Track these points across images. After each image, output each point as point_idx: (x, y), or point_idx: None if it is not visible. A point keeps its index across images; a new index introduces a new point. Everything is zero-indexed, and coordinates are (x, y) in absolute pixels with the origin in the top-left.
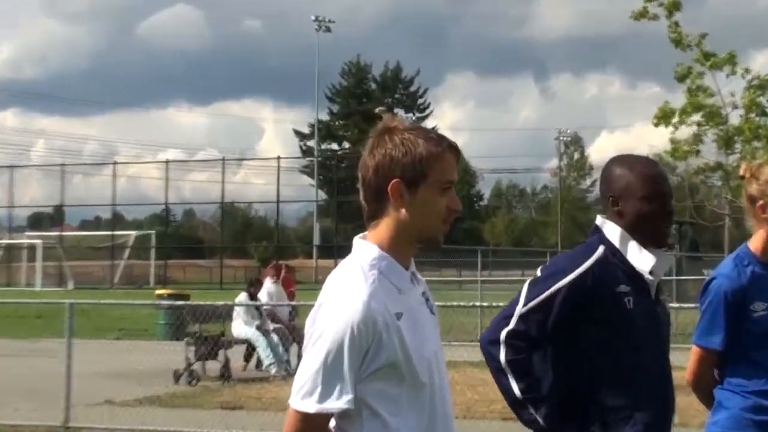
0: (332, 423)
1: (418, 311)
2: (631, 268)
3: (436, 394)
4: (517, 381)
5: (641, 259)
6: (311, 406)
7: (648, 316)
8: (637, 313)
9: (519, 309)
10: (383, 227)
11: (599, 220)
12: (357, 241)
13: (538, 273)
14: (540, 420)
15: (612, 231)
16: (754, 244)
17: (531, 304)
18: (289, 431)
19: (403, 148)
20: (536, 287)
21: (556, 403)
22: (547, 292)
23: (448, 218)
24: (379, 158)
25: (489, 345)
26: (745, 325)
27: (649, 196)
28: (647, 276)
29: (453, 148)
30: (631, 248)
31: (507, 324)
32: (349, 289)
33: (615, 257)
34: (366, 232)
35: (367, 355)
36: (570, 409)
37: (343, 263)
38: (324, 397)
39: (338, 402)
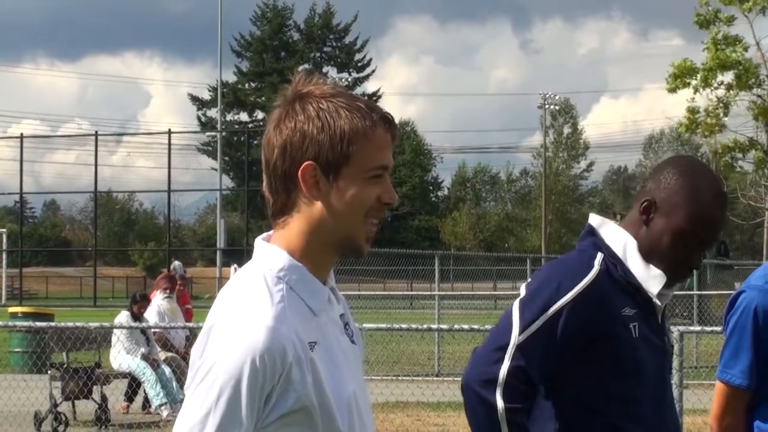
0: None
1: (335, 339)
2: (637, 287)
3: None
4: None
5: (649, 275)
6: None
7: (653, 348)
8: (641, 344)
9: (515, 337)
10: (293, 227)
11: (595, 219)
12: (260, 243)
13: (523, 291)
14: None
15: (614, 235)
16: None
17: (530, 330)
18: None
19: (318, 121)
20: (531, 307)
21: None
22: (549, 313)
23: (377, 214)
24: (288, 135)
25: (481, 386)
26: None
27: (692, 236)
28: (655, 299)
29: (387, 121)
30: (636, 261)
31: (502, 358)
32: (248, 309)
33: (618, 270)
34: (271, 232)
35: (272, 396)
36: None
37: (241, 273)
38: None
39: None
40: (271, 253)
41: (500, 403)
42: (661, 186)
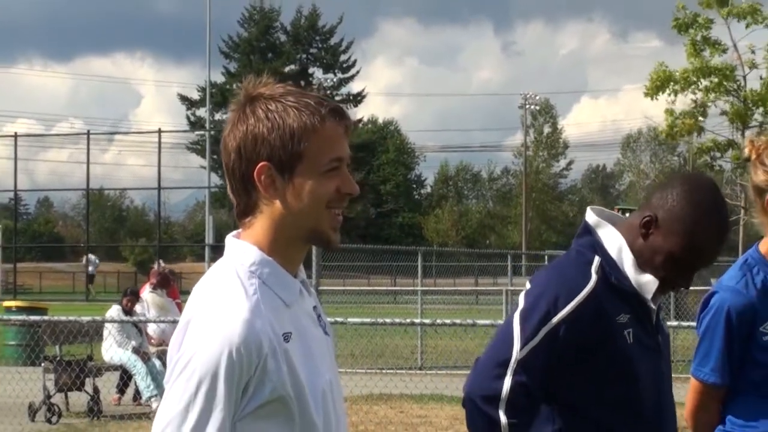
0: None
1: (308, 331)
2: (632, 292)
3: None
4: None
5: (642, 281)
6: None
7: (648, 350)
8: (636, 350)
9: (517, 352)
10: (258, 226)
11: (592, 217)
12: (230, 240)
13: (522, 302)
14: None
15: (611, 238)
16: (766, 246)
17: (531, 345)
18: None
19: (268, 122)
20: (530, 322)
21: None
22: (549, 327)
23: (339, 204)
24: (241, 138)
25: (484, 402)
26: (753, 351)
27: (684, 261)
28: (650, 304)
29: (336, 114)
30: (629, 265)
31: (504, 373)
32: (224, 303)
33: (612, 275)
34: (240, 230)
35: (248, 387)
36: None
37: (215, 269)
38: None
39: None
40: (242, 248)
41: (503, 419)
42: (666, 206)
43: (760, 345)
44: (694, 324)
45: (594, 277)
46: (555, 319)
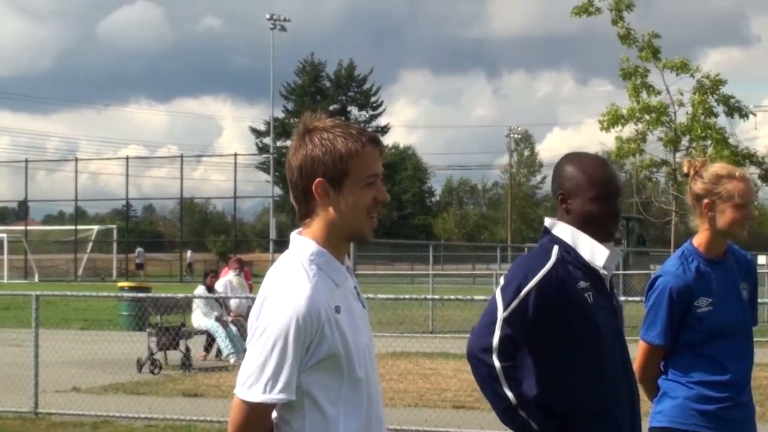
0: (273, 414)
1: (352, 305)
2: (586, 264)
3: (372, 389)
4: (510, 387)
5: (595, 254)
6: (256, 396)
7: (605, 309)
8: (596, 307)
9: (501, 314)
10: (315, 226)
11: (548, 221)
12: (294, 236)
13: (502, 281)
14: (533, 423)
15: (563, 230)
16: (698, 240)
17: (510, 308)
18: (235, 419)
19: (322, 147)
20: (508, 292)
21: (541, 406)
22: (521, 294)
23: (375, 210)
24: (302, 160)
25: (482, 353)
26: (689, 320)
27: (597, 197)
28: (601, 270)
29: (373, 141)
30: (583, 244)
31: (493, 330)
32: (292, 283)
33: (570, 255)
34: (301, 229)
35: (310, 346)
36: (548, 410)
37: (283, 258)
38: (269, 387)
39: (282, 393)
40: (304, 242)
41: (497, 363)
42: (563, 179)
43: (694, 316)
44: (637, 299)
45: (554, 258)
46: (526, 288)
